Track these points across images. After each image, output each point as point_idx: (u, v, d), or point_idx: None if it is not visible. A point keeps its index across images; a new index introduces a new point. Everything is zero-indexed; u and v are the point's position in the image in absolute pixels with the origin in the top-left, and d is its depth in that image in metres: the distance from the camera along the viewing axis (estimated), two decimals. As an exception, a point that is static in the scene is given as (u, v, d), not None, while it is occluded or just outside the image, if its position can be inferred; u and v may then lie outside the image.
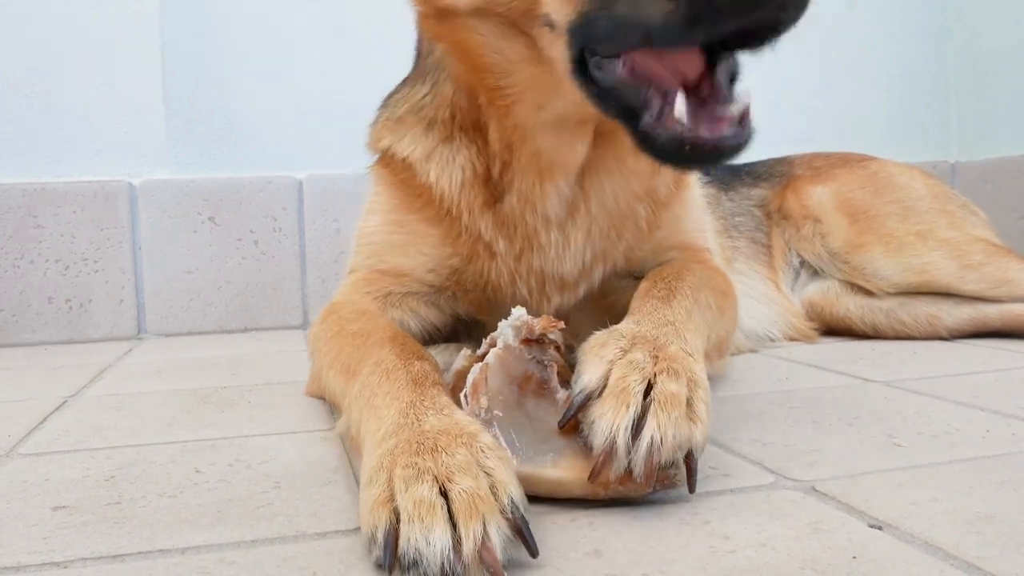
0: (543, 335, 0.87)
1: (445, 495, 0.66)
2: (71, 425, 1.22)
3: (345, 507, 0.83)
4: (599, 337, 0.88)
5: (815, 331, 1.84)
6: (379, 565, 0.65)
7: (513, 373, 0.84)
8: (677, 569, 0.66)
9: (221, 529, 0.78)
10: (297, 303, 2.35)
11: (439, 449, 0.71)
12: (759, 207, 1.93)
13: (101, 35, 2.22)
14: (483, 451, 0.71)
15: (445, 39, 1.12)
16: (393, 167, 1.25)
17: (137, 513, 0.83)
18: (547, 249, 1.18)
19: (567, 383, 0.85)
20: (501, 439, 0.79)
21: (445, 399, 0.83)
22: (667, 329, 0.92)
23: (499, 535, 0.64)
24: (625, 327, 0.91)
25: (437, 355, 1.25)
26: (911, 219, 1.79)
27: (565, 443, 0.80)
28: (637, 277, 1.21)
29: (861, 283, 1.79)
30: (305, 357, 1.44)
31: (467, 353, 0.95)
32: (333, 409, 1.19)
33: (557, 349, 0.88)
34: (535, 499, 0.75)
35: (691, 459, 0.78)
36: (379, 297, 1.23)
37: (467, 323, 1.29)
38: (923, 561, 0.66)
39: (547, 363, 0.86)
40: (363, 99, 1.42)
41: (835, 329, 1.85)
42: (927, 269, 1.73)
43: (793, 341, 1.80)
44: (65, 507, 0.85)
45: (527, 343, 0.86)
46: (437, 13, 1.08)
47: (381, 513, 0.67)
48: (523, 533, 0.66)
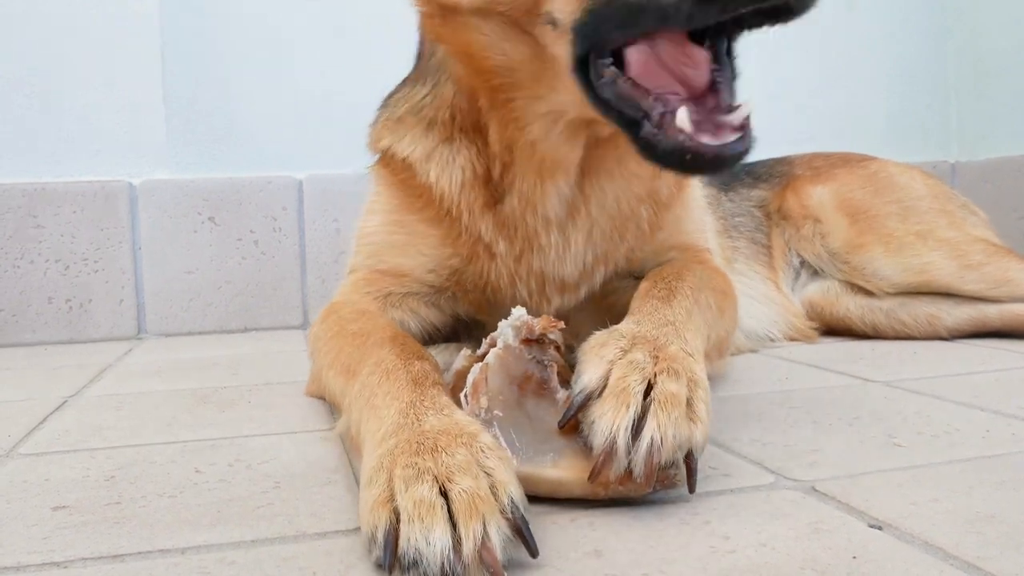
0: (543, 335, 0.87)
1: (445, 495, 0.66)
2: (71, 425, 1.22)
3: (345, 507, 0.83)
4: (599, 337, 0.88)
5: (815, 331, 1.84)
6: (379, 565, 0.65)
7: (513, 373, 0.84)
8: (677, 569, 0.66)
9: (221, 529, 0.78)
10: (297, 303, 2.35)
11: (439, 449, 0.71)
12: (759, 207, 1.93)
13: (101, 35, 2.22)
14: (483, 451, 0.72)
15: (447, 40, 1.12)
16: (393, 167, 1.25)
17: (137, 513, 0.83)
18: (547, 251, 1.18)
19: (567, 383, 0.85)
20: (501, 439, 0.79)
21: (445, 399, 0.83)
22: (667, 329, 0.92)
23: (499, 535, 0.65)
24: (625, 327, 0.91)
25: (437, 355, 1.25)
26: (911, 219, 1.79)
27: (565, 443, 0.80)
28: (637, 277, 1.21)
29: (861, 283, 1.79)
30: (305, 357, 1.44)
31: (467, 353, 0.95)
32: (333, 409, 1.19)
33: (557, 349, 0.88)
34: (535, 499, 0.75)
35: (691, 459, 0.78)
36: (379, 297, 1.23)
37: (467, 323, 1.29)
38: (923, 561, 0.66)
39: (547, 363, 0.86)
40: (363, 99, 1.42)
41: (835, 329, 1.85)
42: (927, 269, 1.73)
43: (793, 341, 1.80)
44: (65, 507, 0.85)
45: (527, 343, 0.86)
46: (439, 12, 1.08)
47: (381, 513, 0.67)
48: (523, 533, 0.66)
